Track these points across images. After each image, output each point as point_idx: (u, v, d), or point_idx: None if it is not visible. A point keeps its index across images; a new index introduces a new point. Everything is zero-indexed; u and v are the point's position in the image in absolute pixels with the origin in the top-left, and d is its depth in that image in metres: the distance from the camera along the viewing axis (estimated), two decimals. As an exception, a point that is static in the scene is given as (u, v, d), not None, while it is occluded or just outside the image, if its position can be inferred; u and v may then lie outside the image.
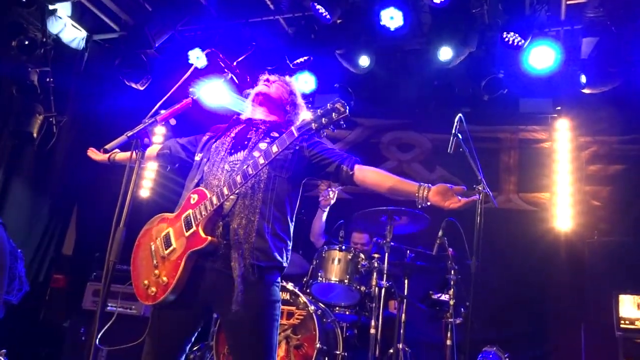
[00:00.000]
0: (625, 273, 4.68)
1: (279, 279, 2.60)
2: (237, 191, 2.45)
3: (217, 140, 2.74)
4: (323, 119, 2.31)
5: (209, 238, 2.41)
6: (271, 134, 2.70)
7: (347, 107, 2.32)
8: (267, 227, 2.50)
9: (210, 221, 2.47)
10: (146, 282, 2.53)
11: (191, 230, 2.46)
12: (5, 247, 3.62)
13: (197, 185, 2.61)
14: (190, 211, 2.50)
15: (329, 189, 5.20)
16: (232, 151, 2.64)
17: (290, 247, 2.65)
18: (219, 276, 2.45)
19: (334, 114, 2.30)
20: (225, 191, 2.42)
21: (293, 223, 2.69)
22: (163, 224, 2.62)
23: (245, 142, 2.67)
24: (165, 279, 2.46)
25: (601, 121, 6.04)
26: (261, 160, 2.39)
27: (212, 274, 2.47)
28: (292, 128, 2.36)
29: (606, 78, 4.99)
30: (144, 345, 2.51)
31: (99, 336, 2.22)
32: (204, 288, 2.48)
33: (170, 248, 2.50)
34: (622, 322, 4.44)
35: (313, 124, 2.32)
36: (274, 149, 2.37)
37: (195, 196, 2.53)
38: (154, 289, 2.49)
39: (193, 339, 2.59)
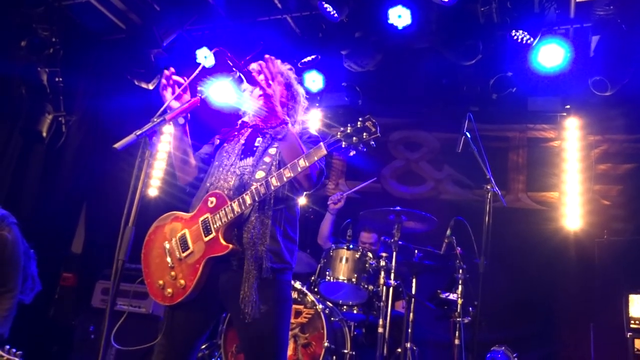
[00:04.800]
0: (636, 273, 4.64)
1: (290, 278, 2.62)
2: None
3: (227, 145, 2.77)
4: (353, 137, 2.26)
5: (230, 246, 2.43)
6: (277, 137, 2.68)
7: (378, 127, 2.25)
8: (279, 229, 2.53)
9: (230, 228, 2.48)
10: (161, 282, 2.55)
11: (211, 236, 2.47)
12: (19, 247, 3.64)
13: (208, 188, 2.63)
14: (208, 215, 2.51)
15: (339, 193, 5.23)
16: (242, 156, 2.67)
17: (297, 248, 2.67)
18: (233, 276, 2.47)
19: (364, 133, 2.25)
20: (248, 200, 2.43)
21: (298, 223, 2.71)
22: (177, 224, 2.62)
23: (254, 149, 2.70)
24: (182, 282, 2.48)
25: (611, 119, 6.00)
26: (287, 173, 2.38)
27: (226, 274, 2.50)
28: (322, 144, 2.32)
29: (616, 76, 4.95)
30: (156, 344, 2.53)
31: (112, 334, 2.23)
32: (218, 288, 2.51)
33: (188, 251, 2.52)
34: (632, 322, 4.40)
35: (343, 142, 2.27)
36: (302, 162, 2.35)
37: (214, 200, 2.53)
38: (170, 290, 2.51)
39: (205, 337, 2.62)
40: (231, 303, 2.50)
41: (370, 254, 4.70)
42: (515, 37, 4.83)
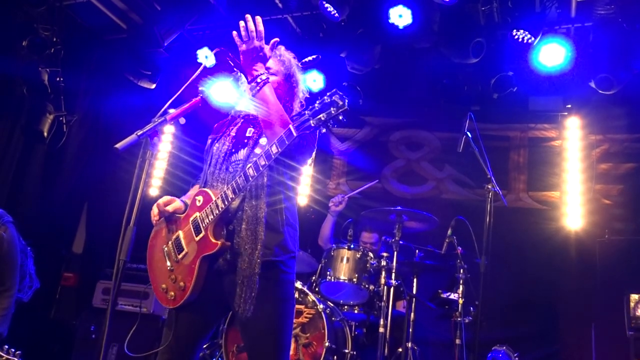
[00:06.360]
0: (637, 272, 4.64)
1: (294, 278, 2.59)
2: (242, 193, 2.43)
3: (217, 142, 2.71)
4: (322, 115, 2.18)
5: (219, 243, 2.41)
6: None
7: (346, 100, 2.16)
8: (280, 220, 2.49)
9: (219, 225, 2.45)
10: (164, 286, 2.55)
11: (201, 235, 2.46)
12: (16, 245, 3.65)
13: (203, 188, 2.62)
14: (197, 214, 2.50)
15: (340, 195, 5.23)
16: (233, 151, 2.61)
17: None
18: (235, 275, 2.44)
19: (332, 108, 2.16)
20: (230, 194, 2.39)
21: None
22: (173, 226, 2.62)
23: (245, 141, 2.62)
24: (182, 283, 2.47)
25: (612, 119, 6.00)
26: (262, 162, 2.33)
27: (229, 273, 2.48)
28: (291, 127, 2.27)
29: (617, 76, 4.95)
30: (160, 344, 2.53)
31: (125, 342, 2.22)
32: (222, 287, 2.49)
33: (183, 252, 2.51)
34: (634, 321, 4.40)
35: (311, 121, 2.20)
36: (274, 149, 2.30)
37: (201, 198, 2.52)
38: (172, 293, 2.50)
39: (208, 337, 2.63)
40: (234, 300, 2.51)
41: (371, 254, 4.70)
42: (516, 37, 4.83)
